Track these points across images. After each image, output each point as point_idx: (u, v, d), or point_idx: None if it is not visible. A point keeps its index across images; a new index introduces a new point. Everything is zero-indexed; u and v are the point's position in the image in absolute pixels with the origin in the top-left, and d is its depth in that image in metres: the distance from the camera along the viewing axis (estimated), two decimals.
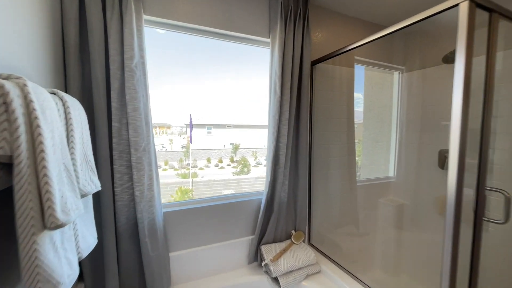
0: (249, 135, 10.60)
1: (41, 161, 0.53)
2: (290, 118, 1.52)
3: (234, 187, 8.80)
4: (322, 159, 1.78)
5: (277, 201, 1.56)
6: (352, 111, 1.82)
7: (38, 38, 0.83)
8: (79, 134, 0.78)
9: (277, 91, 1.46)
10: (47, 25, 0.90)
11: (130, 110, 1.12)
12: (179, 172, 8.79)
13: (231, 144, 11.03)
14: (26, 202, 0.50)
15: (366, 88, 2.35)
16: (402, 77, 2.23)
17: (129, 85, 1.11)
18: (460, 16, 0.87)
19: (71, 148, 0.73)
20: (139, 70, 1.15)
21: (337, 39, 1.79)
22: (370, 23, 1.94)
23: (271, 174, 1.52)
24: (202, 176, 9.20)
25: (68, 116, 0.72)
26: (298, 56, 1.53)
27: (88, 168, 0.83)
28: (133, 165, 1.14)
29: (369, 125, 2.50)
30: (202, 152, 10.86)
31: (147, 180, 1.19)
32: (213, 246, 1.47)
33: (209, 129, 11.54)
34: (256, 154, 10.51)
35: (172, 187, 8.11)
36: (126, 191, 1.17)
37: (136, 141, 1.14)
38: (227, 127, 11.28)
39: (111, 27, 1.07)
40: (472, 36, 0.86)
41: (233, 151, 10.81)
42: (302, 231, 1.71)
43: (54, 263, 0.56)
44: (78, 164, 0.74)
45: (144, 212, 1.18)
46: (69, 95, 0.78)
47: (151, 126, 1.22)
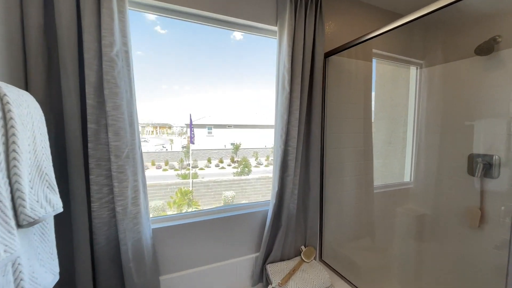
0: (250, 135, 10.43)
1: None
2: (301, 118, 1.32)
3: (235, 188, 8.61)
4: (336, 165, 1.57)
5: (286, 213, 1.35)
6: (370, 110, 1.61)
7: None
8: (28, 140, 0.58)
9: (286, 86, 1.25)
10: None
11: (110, 108, 0.92)
12: (179, 172, 8.62)
13: (232, 144, 10.88)
14: None
15: (377, 85, 2.14)
16: (420, 73, 2.02)
17: (109, 78, 0.90)
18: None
19: (12, 160, 0.52)
20: (121, 60, 0.94)
21: (352, 29, 1.58)
22: (388, 11, 1.72)
23: (278, 183, 1.31)
24: (203, 177, 9.03)
25: (7, 116, 0.52)
26: (310, 46, 1.32)
27: (43, 184, 0.63)
28: (114, 175, 0.94)
29: (381, 126, 2.28)
30: (203, 152, 10.69)
31: (132, 192, 0.99)
32: (212, 267, 1.27)
33: (209, 129, 11.37)
34: (257, 154, 10.33)
35: (172, 188, 7.94)
36: (105, 206, 0.97)
37: (117, 146, 0.94)
38: (228, 127, 11.11)
39: (85, 7, 0.87)
40: None
41: (234, 151, 10.64)
42: (313, 246, 1.50)
43: None
44: (23, 181, 0.54)
45: (128, 231, 0.98)
46: (15, 88, 0.58)
47: (136, 128, 1.01)
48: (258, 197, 8.60)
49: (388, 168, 2.37)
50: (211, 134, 11.28)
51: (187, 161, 9.25)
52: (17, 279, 0.52)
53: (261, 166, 9.91)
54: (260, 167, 10.10)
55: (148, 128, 12.10)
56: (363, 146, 1.64)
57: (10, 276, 0.50)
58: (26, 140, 0.57)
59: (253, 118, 9.64)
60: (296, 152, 1.32)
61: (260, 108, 10.25)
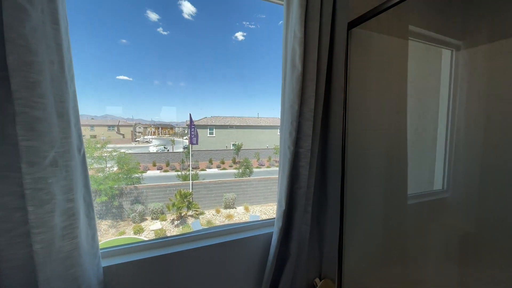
0: (251, 136, 10.12)
1: None
2: (317, 109, 0.96)
3: (236, 190, 8.29)
4: (361, 172, 1.21)
5: (296, 238, 0.99)
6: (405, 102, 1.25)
7: None
8: None
9: (297, 64, 0.89)
10: None
11: (18, 86, 0.57)
12: (180, 173, 8.32)
13: (233, 145, 10.60)
14: None
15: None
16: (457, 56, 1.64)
17: (14, 36, 0.56)
18: None
19: None
20: (40, 11, 0.59)
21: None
22: None
23: (286, 199, 0.95)
24: (203, 178, 8.72)
25: None
26: (329, 12, 0.97)
27: None
28: (27, 194, 0.59)
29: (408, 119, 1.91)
30: (204, 153, 10.40)
31: (62, 219, 0.64)
32: None
33: (211, 129, 11.12)
34: (259, 155, 10.03)
35: (171, 190, 7.64)
36: (18, 241, 0.62)
37: (32, 148, 0.59)
38: (229, 127, 10.83)
39: None
40: None
41: (235, 152, 10.35)
42: (330, 279, 1.14)
43: None
44: None
45: (55, 280, 0.63)
46: None
47: (73, 121, 0.66)
48: (260, 199, 8.25)
49: (416, 172, 1.99)
50: (213, 135, 10.99)
51: (188, 162, 8.96)
52: None
53: (262, 167, 9.60)
54: (261, 168, 9.79)
55: (150, 129, 11.89)
56: (396, 148, 1.27)
57: None
58: None
59: (255, 119, 9.33)
60: (310, 156, 0.96)
61: (262, 108, 9.92)
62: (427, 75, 1.74)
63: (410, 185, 1.93)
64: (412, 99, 1.82)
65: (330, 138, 1.04)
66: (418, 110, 1.86)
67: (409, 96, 1.81)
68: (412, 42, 1.53)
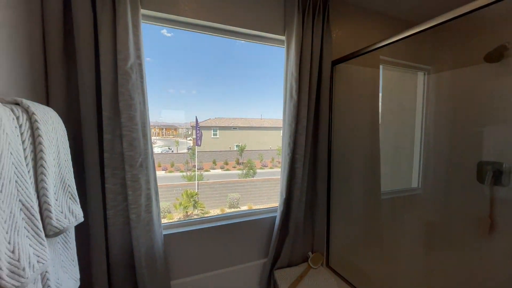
0: (254, 138, 10.43)
1: None
2: (308, 126, 1.34)
3: (240, 190, 8.63)
4: (343, 172, 1.58)
5: (293, 220, 1.37)
6: (377, 117, 1.62)
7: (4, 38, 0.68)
8: (53, 155, 0.62)
9: (294, 95, 1.27)
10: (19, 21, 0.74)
11: (125, 119, 0.95)
12: (185, 174, 8.69)
13: (237, 146, 10.91)
14: None
15: (384, 89, 2.14)
16: (428, 78, 2.01)
17: (123, 90, 0.94)
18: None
19: (40, 174, 0.56)
20: (135, 72, 0.98)
21: (359, 37, 1.59)
22: (395, 18, 1.73)
23: (286, 190, 1.33)
24: (208, 178, 9.07)
25: (35, 133, 0.56)
26: (317, 55, 1.34)
27: (66, 195, 0.66)
28: (128, 184, 0.97)
29: (388, 130, 2.28)
30: (208, 154, 10.74)
31: (145, 200, 1.02)
32: (220, 272, 1.30)
33: (215, 131, 11.43)
34: (262, 156, 10.32)
35: (178, 189, 8.01)
36: (120, 213, 1.00)
37: (131, 156, 0.97)
38: (233, 129, 11.15)
39: (102, 22, 0.91)
40: None
41: (239, 152, 10.66)
42: (320, 253, 1.51)
43: None
44: (49, 194, 0.57)
45: (141, 238, 1.01)
46: (40, 105, 0.62)
47: (149, 138, 1.05)
48: (263, 199, 8.59)
49: (395, 173, 2.36)
50: (217, 136, 11.34)
51: (193, 163, 9.32)
52: (44, 286, 0.55)
53: (265, 168, 9.91)
54: (265, 169, 10.10)
55: (155, 130, 12.17)
56: (370, 152, 1.64)
57: (39, 284, 0.53)
58: (51, 155, 0.60)
59: (259, 120, 9.65)
60: (304, 160, 1.33)
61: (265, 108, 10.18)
62: (406, 93, 2.11)
63: (392, 183, 2.32)
64: (393, 114, 2.21)
65: (318, 147, 1.41)
66: (399, 122, 2.25)
67: (390, 111, 2.20)
68: (390, 67, 1.90)
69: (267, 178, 9.07)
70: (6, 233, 0.42)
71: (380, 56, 1.65)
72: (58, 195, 0.63)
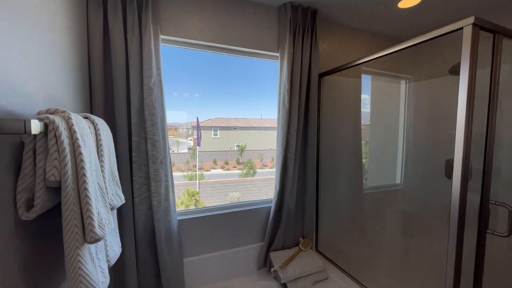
0: (254, 138, 10.63)
1: (82, 184, 0.60)
2: (299, 129, 1.58)
3: (240, 190, 8.87)
4: (329, 168, 1.82)
5: (286, 210, 1.61)
6: (359, 121, 1.86)
7: (69, 66, 0.92)
8: (107, 153, 0.86)
9: (286, 104, 1.51)
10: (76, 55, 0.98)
11: (149, 125, 1.20)
12: (186, 174, 8.93)
13: (237, 146, 11.07)
14: (72, 221, 0.58)
15: (372, 95, 2.38)
16: (409, 86, 2.25)
17: (148, 102, 1.18)
18: (464, 38, 0.91)
19: (101, 167, 0.80)
20: (157, 87, 1.22)
21: (343, 51, 1.84)
22: (377, 33, 1.97)
23: (279, 183, 1.57)
24: (209, 178, 9.30)
25: (98, 138, 0.80)
26: (306, 69, 1.58)
27: (114, 183, 0.90)
28: (151, 177, 1.22)
29: (376, 131, 2.52)
30: (208, 154, 10.97)
31: (164, 190, 1.27)
32: (224, 252, 1.54)
33: (215, 131, 11.64)
34: (262, 156, 10.54)
35: (180, 189, 8.26)
36: (144, 201, 1.25)
37: (153, 154, 1.22)
38: (233, 129, 11.36)
39: (131, 49, 1.15)
40: (475, 55, 0.90)
41: (239, 152, 10.88)
42: (309, 238, 1.75)
43: (92, 271, 0.63)
44: (106, 181, 0.81)
45: (161, 221, 1.26)
46: (97, 117, 0.86)
47: (167, 140, 1.29)
48: (263, 198, 8.83)
49: (383, 170, 2.61)
50: (217, 136, 11.52)
51: (193, 163, 9.54)
52: (105, 244, 0.79)
53: (265, 168, 10.12)
54: (265, 168, 10.30)
55: None
56: (353, 151, 1.88)
57: (103, 242, 0.77)
58: (106, 153, 0.85)
59: (259, 120, 9.85)
60: (294, 158, 1.57)
61: (265, 109, 10.34)
62: (393, 98, 2.35)
63: (379, 179, 2.57)
64: (380, 117, 2.46)
65: (308, 147, 1.65)
66: (386, 125, 2.50)
67: (376, 116, 2.45)
68: (378, 76, 2.14)
69: (267, 177, 9.29)
70: (93, 203, 0.65)
71: (362, 67, 1.89)
72: (110, 182, 0.87)
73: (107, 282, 0.72)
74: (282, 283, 1.47)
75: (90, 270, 0.62)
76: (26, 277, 0.60)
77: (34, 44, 0.65)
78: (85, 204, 0.60)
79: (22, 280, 0.58)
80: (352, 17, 1.73)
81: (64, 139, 0.56)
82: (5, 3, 0.54)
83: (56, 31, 0.80)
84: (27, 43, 0.62)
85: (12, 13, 0.56)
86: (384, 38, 2.02)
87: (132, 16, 1.15)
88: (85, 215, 0.60)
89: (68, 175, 0.57)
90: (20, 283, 0.58)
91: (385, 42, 2.05)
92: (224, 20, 1.46)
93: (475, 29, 0.89)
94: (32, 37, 0.64)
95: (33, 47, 0.65)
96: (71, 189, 0.57)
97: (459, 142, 0.96)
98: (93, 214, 0.62)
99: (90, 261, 0.63)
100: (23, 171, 0.55)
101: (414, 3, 1.50)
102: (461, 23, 0.90)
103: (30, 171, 0.55)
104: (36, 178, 0.55)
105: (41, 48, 0.69)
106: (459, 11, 1.62)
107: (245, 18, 1.51)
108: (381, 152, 2.56)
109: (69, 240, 0.57)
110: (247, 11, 1.51)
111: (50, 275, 0.71)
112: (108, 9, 1.11)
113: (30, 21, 0.64)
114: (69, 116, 0.60)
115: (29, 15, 0.64)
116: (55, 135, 0.55)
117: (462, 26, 0.90)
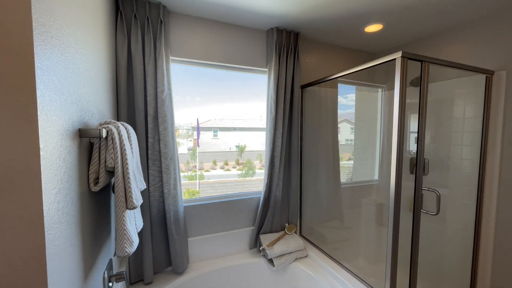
0: (253, 138, 10.89)
1: (126, 170, 0.92)
2: (283, 132, 1.90)
3: (240, 190, 9.20)
4: (311, 165, 2.14)
5: (273, 199, 1.93)
6: (336, 124, 2.18)
7: (107, 87, 1.24)
8: (136, 150, 1.18)
9: (273, 111, 1.84)
10: (109, 76, 1.31)
11: (161, 129, 1.52)
12: (186, 174, 9.29)
13: (237, 146, 11.32)
14: (120, 193, 0.89)
15: (356, 101, 2.71)
16: (384, 94, 2.58)
17: (161, 111, 1.51)
18: (396, 65, 1.23)
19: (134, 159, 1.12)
20: (168, 99, 1.54)
21: (323, 66, 2.16)
22: (352, 49, 2.30)
23: (268, 177, 1.89)
24: (209, 178, 9.66)
25: (130, 139, 1.12)
26: (290, 82, 1.90)
27: (139, 173, 1.22)
28: (163, 170, 1.54)
29: (360, 134, 2.86)
30: (208, 154, 11.31)
31: (173, 181, 1.58)
32: (222, 234, 1.86)
33: (215, 131, 11.99)
34: (261, 156, 10.87)
35: None
36: (157, 189, 1.57)
37: (165, 152, 1.54)
38: (233, 130, 11.66)
39: (148, 70, 1.48)
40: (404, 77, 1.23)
41: (239, 153, 11.22)
42: (294, 224, 2.07)
43: (131, 230, 0.95)
44: (136, 170, 1.13)
45: (171, 205, 1.58)
46: (128, 124, 1.18)
47: (175, 141, 1.61)
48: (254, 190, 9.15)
49: (365, 168, 2.94)
50: (217, 137, 11.76)
51: (193, 163, 9.82)
52: (134, 215, 1.11)
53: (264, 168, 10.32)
54: (264, 169, 10.52)
55: None
56: (332, 150, 2.20)
57: (133, 213, 1.09)
58: (135, 150, 1.17)
59: (258, 122, 10.13)
60: (280, 155, 1.89)
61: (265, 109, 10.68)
62: (373, 103, 2.68)
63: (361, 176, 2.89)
64: (363, 121, 2.78)
65: (292, 147, 1.97)
66: (367, 128, 2.83)
67: (358, 120, 2.77)
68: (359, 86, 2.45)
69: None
70: (132, 182, 0.97)
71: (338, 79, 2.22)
72: (136, 174, 1.19)
73: (137, 242, 1.03)
74: (269, 258, 1.79)
75: (130, 229, 0.94)
76: (92, 227, 0.91)
77: (92, 74, 0.98)
78: (127, 183, 0.92)
79: (90, 230, 0.90)
80: (329, 37, 2.06)
81: (116, 140, 0.88)
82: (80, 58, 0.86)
83: (102, 60, 1.12)
84: (89, 74, 0.94)
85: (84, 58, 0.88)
86: (360, 52, 2.35)
87: (149, 44, 1.47)
88: (127, 190, 0.92)
89: (118, 163, 0.88)
90: (89, 233, 0.89)
91: (361, 56, 2.38)
92: (222, 42, 1.78)
93: (404, 60, 1.21)
94: (92, 72, 0.96)
95: (92, 76, 0.97)
96: (120, 172, 0.89)
97: (394, 141, 1.27)
98: (132, 190, 0.93)
99: (129, 222, 0.95)
100: (92, 160, 0.87)
101: (377, 29, 1.83)
102: (393, 55, 1.23)
103: (96, 160, 0.87)
104: (100, 165, 0.87)
105: (96, 76, 1.01)
106: (416, 33, 1.95)
107: (239, 40, 1.83)
108: (364, 152, 2.89)
109: (118, 205, 0.89)
110: (241, 34, 1.84)
111: (102, 229, 1.02)
112: (131, 39, 1.44)
113: (90, 59, 0.96)
114: (118, 125, 0.92)
115: (86, 54, 0.96)
116: (112, 138, 0.87)
117: (394, 57, 1.23)
